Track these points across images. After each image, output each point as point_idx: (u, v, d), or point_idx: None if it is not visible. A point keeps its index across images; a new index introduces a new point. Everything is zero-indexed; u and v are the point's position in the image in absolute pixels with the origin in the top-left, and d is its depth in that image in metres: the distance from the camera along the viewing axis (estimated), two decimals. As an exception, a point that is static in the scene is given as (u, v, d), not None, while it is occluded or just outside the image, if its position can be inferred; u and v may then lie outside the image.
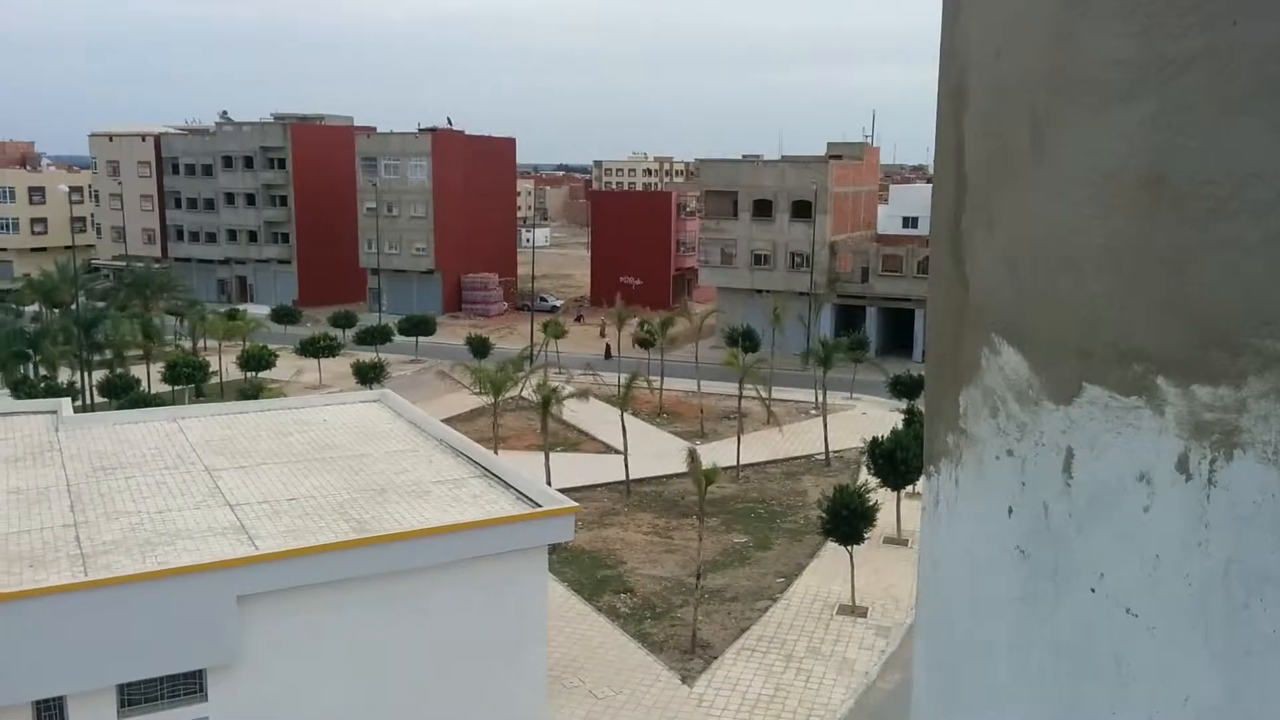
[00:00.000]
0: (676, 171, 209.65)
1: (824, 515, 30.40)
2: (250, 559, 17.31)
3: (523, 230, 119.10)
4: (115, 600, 16.04)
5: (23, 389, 46.04)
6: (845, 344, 53.63)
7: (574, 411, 47.50)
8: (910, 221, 79.07)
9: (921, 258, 69.43)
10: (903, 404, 45.92)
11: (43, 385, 47.43)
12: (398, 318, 75.91)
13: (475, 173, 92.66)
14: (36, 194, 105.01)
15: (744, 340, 57.47)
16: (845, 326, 67.67)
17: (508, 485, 21.95)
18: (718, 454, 41.21)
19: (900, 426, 37.01)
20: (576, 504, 20.83)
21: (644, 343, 62.59)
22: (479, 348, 62.80)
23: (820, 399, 50.81)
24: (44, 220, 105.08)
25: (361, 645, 18.29)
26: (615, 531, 37.18)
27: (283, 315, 77.36)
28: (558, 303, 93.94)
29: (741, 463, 44.20)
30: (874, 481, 34.66)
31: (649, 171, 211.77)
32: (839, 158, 76.16)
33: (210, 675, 17.04)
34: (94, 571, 16.75)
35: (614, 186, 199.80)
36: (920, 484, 34.68)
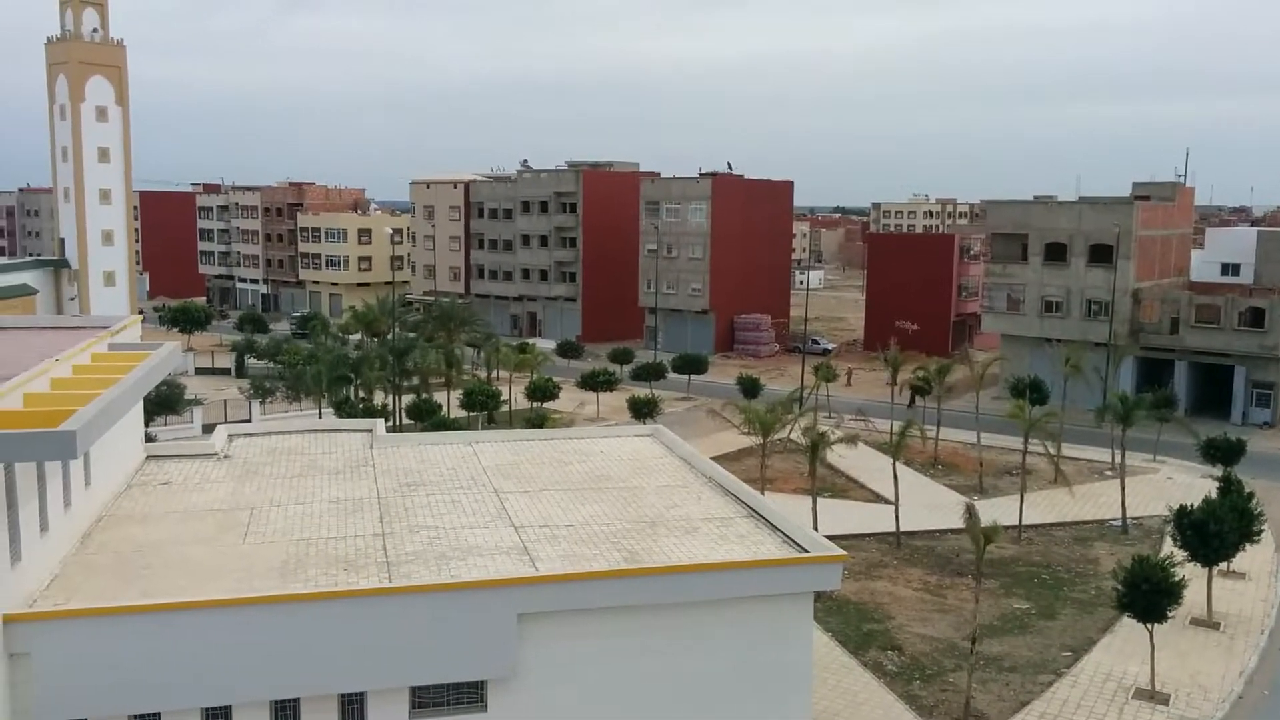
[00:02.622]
0: (960, 214, 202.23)
1: (1120, 587, 27.88)
2: (532, 579, 18.30)
3: (796, 272, 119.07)
4: (414, 607, 17.47)
5: (344, 409, 51.41)
6: (1149, 400, 49.19)
7: (842, 457, 46.66)
8: (1230, 269, 71.62)
9: (1244, 308, 62.61)
10: (1217, 470, 41.36)
11: (361, 406, 52.73)
12: (672, 355, 77.95)
13: (752, 215, 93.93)
14: (364, 235, 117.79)
15: (1031, 392, 54.20)
16: (1149, 382, 62.19)
17: (774, 528, 21.88)
18: (997, 511, 38.93)
19: (1214, 495, 33.37)
20: (844, 552, 20.38)
21: (919, 390, 60.52)
22: (749, 388, 63.20)
23: (1118, 460, 46.86)
24: (369, 259, 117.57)
25: (628, 674, 18.78)
26: (883, 584, 35.99)
27: (567, 350, 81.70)
28: (830, 345, 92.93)
29: (1024, 522, 41.54)
30: (1181, 554, 31.41)
31: (930, 214, 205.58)
32: (1146, 198, 70.45)
33: (490, 687, 18.13)
34: (397, 579, 18.34)
35: (892, 229, 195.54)
36: (1236, 561, 31.00)
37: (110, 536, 20.31)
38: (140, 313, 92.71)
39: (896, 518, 40.29)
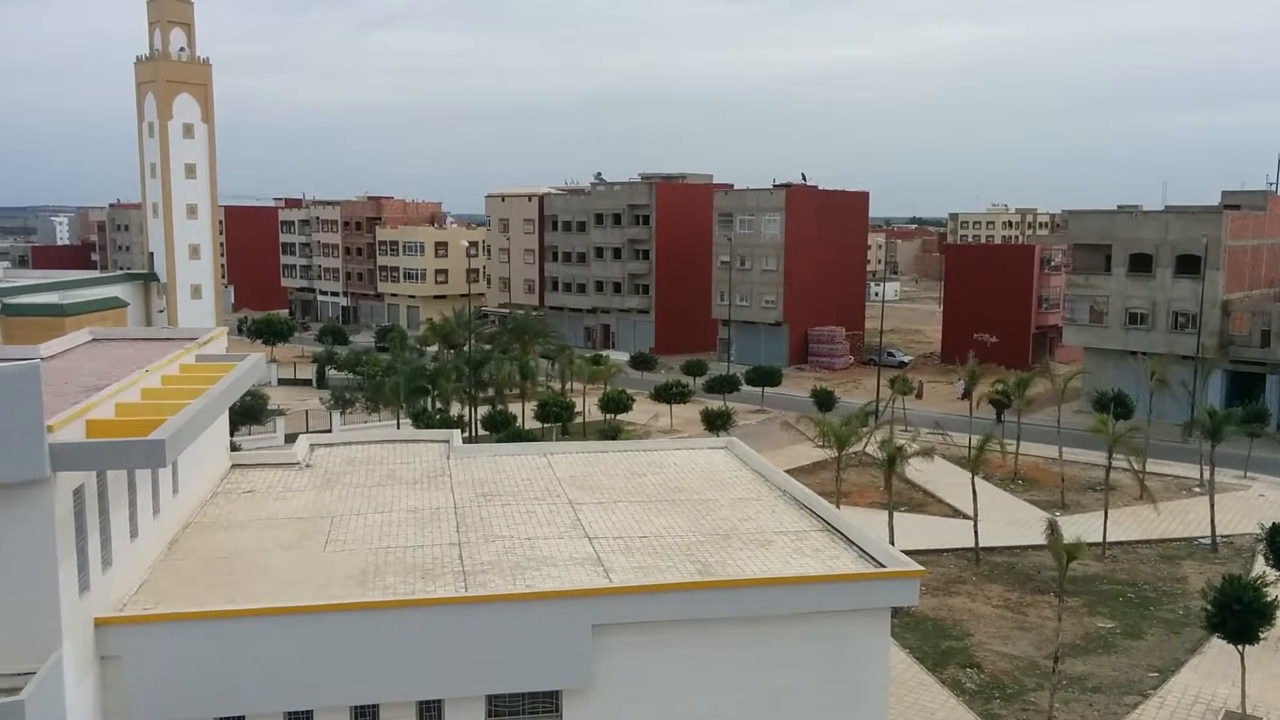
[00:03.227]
0: (1040, 224, 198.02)
1: (1209, 607, 26.90)
2: (606, 590, 18.31)
3: (871, 284, 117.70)
4: (490, 616, 17.61)
5: (422, 419, 52.25)
6: (1239, 415, 47.44)
7: (919, 471, 45.90)
8: (1326, 278, 68.75)
9: (1341, 320, 60.05)
10: (1313, 488, 39.69)
11: (438, 417, 53.51)
12: (745, 368, 77.64)
13: (826, 227, 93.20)
14: (441, 249, 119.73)
15: (1115, 406, 52.69)
16: (1239, 396, 60.02)
17: (850, 542, 21.59)
18: (1080, 528, 37.91)
19: (1310, 513, 32.03)
20: (922, 567, 20.01)
21: (998, 403, 59.23)
22: (824, 400, 62.57)
23: (1206, 476, 45.23)
24: (446, 271, 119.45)
25: (702, 686, 18.66)
26: (962, 601, 35.26)
27: (640, 362, 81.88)
28: (906, 358, 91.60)
29: (1109, 539, 40.36)
30: (1273, 574, 30.23)
31: (1009, 224, 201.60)
32: (1236, 207, 68.09)
33: (565, 697, 18.17)
34: (473, 588, 18.51)
35: (970, 239, 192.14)
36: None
37: (197, 543, 20.89)
38: (241, 326, 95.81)
39: (975, 533, 39.47)
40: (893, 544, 26.03)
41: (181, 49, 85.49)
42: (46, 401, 14.47)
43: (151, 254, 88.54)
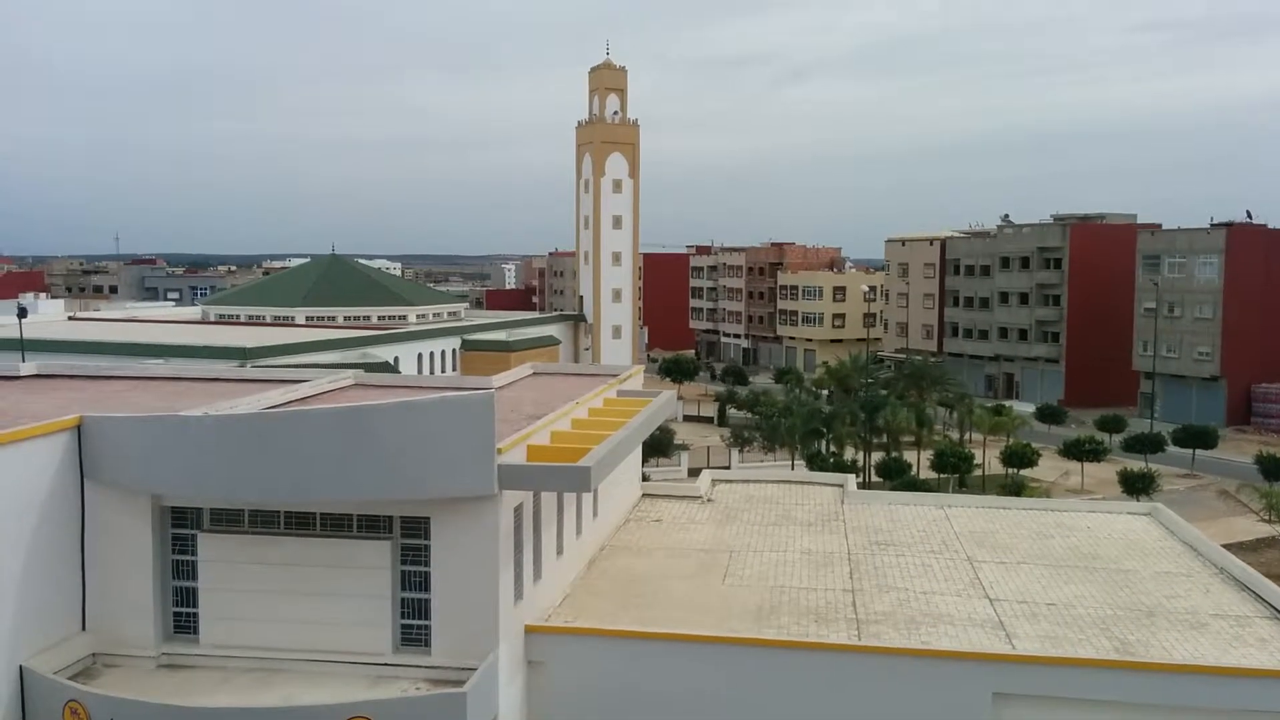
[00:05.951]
0: None
1: None
2: (1011, 657, 17.29)
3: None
4: (885, 669, 17.33)
5: (816, 462, 52.74)
6: None
7: (1407, 562, 38.34)
8: None
9: None
10: None
11: (831, 460, 53.72)
12: (1171, 426, 69.75)
13: (1279, 270, 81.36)
14: (839, 293, 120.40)
15: None
16: None
17: (1310, 636, 18.61)
18: None
19: None
20: None
21: None
22: (1272, 468, 54.57)
23: None
24: (842, 315, 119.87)
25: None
26: None
27: (1047, 414, 76.51)
28: (1390, 424, 77.08)
29: None
30: None
31: None
32: None
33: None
34: (866, 638, 18.35)
35: None
36: None
37: (610, 565, 22.69)
38: (656, 362, 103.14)
39: None
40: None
41: (615, 112, 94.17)
42: (497, 427, 16.54)
43: (581, 297, 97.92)
